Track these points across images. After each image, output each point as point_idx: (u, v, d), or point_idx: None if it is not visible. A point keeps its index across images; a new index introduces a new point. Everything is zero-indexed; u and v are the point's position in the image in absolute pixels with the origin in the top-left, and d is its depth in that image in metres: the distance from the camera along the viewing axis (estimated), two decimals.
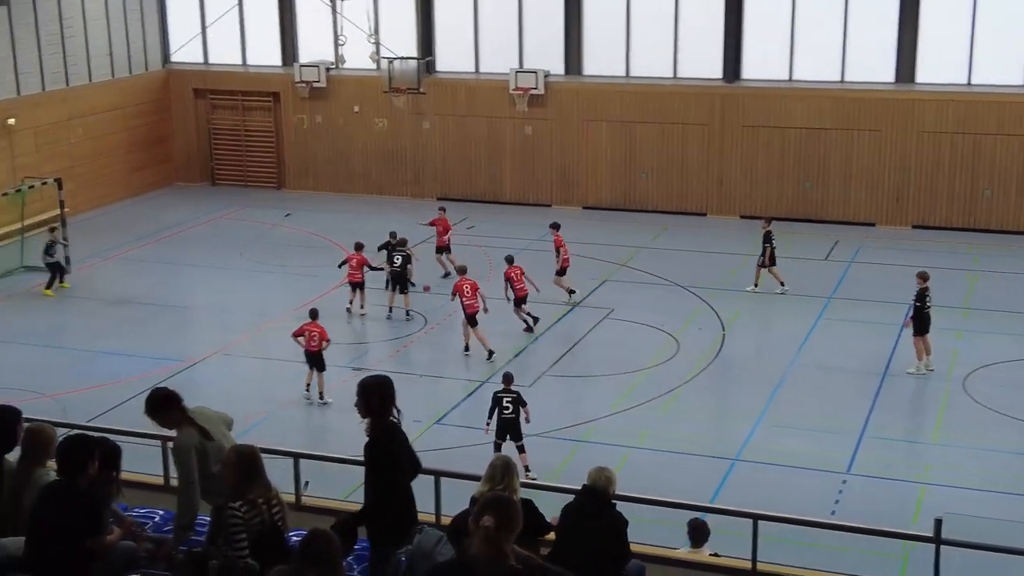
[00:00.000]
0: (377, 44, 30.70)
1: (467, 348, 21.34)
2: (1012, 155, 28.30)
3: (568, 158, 31.48)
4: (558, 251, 23.87)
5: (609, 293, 24.52)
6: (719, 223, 29.97)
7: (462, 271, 21.94)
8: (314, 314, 19.69)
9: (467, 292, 21.09)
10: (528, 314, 22.35)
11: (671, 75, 30.69)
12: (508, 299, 22.02)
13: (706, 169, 30.51)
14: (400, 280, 22.97)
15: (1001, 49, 28.45)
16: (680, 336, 22.03)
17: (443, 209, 26.48)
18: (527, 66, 31.34)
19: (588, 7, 31.11)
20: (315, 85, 32.62)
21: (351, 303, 23.14)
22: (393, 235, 23.95)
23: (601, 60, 31.24)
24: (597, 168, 31.32)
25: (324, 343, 19.30)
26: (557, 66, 31.37)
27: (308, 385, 19.43)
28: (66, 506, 7.40)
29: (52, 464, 7.96)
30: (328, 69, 32.55)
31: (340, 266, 23.60)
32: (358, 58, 31.00)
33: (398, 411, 8.20)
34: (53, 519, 7.38)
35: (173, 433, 8.71)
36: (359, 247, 23.33)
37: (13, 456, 8.46)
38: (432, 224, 25.93)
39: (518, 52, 31.63)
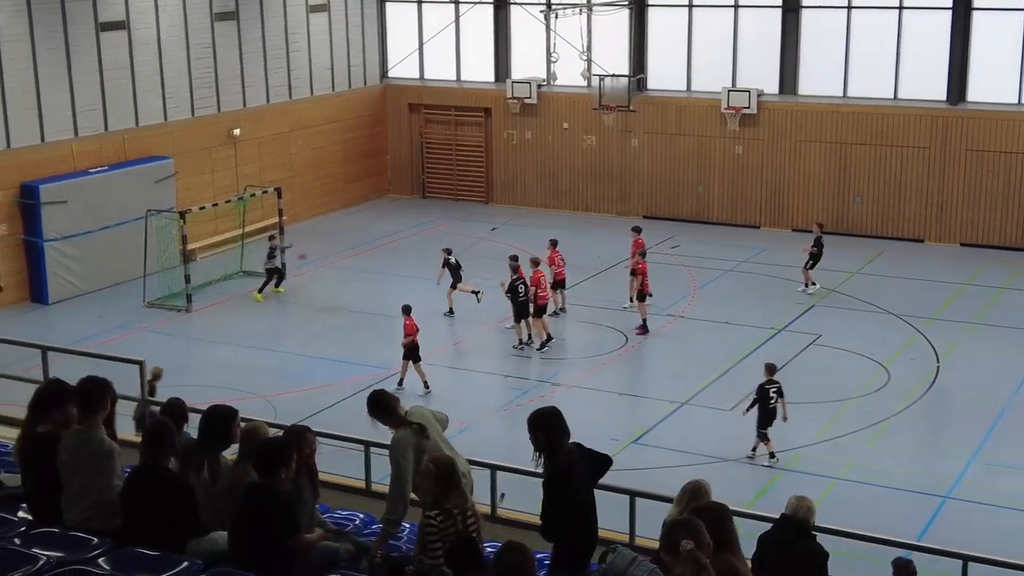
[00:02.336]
0: (589, 61, 30.79)
1: (550, 339, 22.32)
2: None
3: (779, 179, 30.87)
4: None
5: (817, 318, 23.87)
6: (937, 250, 28.86)
7: (535, 263, 22.70)
8: (407, 309, 20.50)
9: (542, 284, 22.32)
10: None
11: (891, 96, 29.74)
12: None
13: (925, 194, 29.42)
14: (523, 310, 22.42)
15: None
16: (891, 366, 21.26)
17: (637, 229, 25.44)
18: (740, 85, 30.91)
19: (806, 25, 30.45)
20: (526, 101, 32.98)
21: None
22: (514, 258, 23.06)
23: (817, 79, 30.52)
24: (809, 190, 30.60)
25: (408, 338, 20.15)
26: (771, 85, 30.81)
27: (402, 378, 20.25)
28: (262, 505, 7.60)
29: None
30: (539, 86, 32.86)
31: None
32: (569, 75, 31.19)
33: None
34: (250, 517, 7.60)
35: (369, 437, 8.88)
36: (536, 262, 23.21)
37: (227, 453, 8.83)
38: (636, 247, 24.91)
39: (731, 70, 31.21)
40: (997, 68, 28.74)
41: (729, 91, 30.63)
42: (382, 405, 8.93)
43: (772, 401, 17.42)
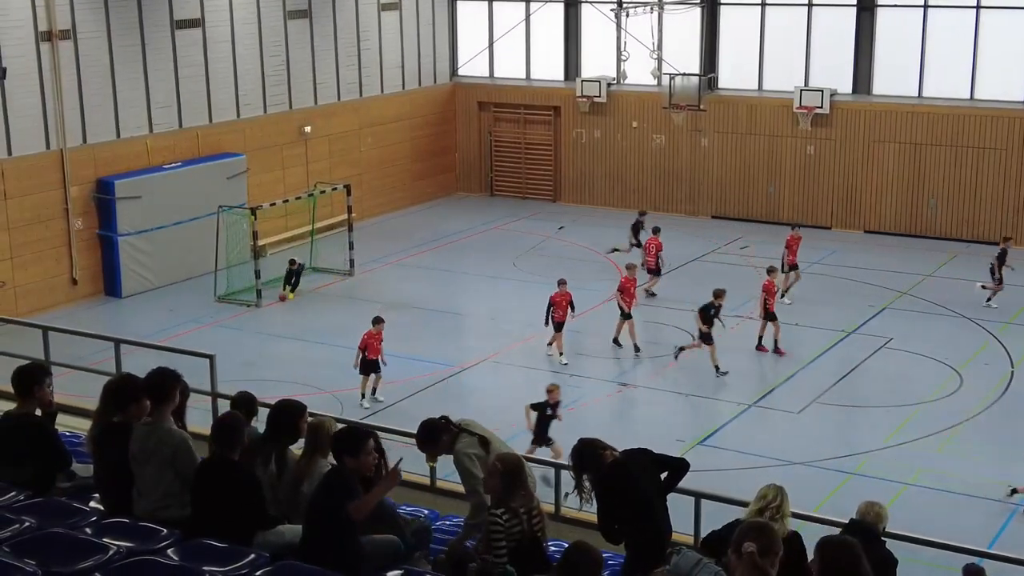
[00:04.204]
0: (659, 60, 30.64)
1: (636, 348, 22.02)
2: None
3: (851, 180, 30.48)
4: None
5: (888, 321, 23.54)
6: (1013, 254, 28.24)
7: (630, 268, 22.96)
8: (375, 320, 20.23)
9: (629, 290, 22.35)
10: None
11: (967, 96, 29.24)
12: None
13: (1001, 196, 28.89)
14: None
15: None
16: (964, 370, 20.90)
17: (794, 227, 26.23)
18: (813, 84, 30.57)
19: (881, 24, 30.05)
20: (595, 100, 32.89)
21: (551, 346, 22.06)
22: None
23: (892, 79, 30.09)
24: (882, 191, 30.18)
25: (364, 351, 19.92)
26: (844, 85, 30.44)
27: (363, 394, 19.72)
28: (330, 491, 7.66)
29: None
30: (609, 84, 32.74)
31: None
32: (639, 74, 31.05)
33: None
34: (320, 504, 7.66)
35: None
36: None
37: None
38: (788, 244, 25.40)
39: (804, 70, 30.88)
40: None
41: (801, 90, 30.31)
42: (430, 435, 8.89)
43: None
